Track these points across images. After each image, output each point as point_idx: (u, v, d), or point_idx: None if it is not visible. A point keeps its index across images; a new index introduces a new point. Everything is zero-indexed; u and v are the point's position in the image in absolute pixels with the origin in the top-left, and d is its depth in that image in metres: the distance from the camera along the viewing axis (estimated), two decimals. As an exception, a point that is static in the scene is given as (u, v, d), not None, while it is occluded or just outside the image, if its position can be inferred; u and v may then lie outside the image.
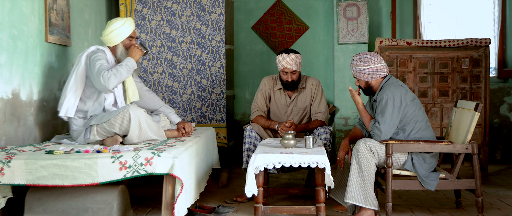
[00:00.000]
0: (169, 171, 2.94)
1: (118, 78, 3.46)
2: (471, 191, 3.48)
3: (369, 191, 3.36)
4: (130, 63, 3.57)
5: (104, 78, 3.40)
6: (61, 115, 3.53)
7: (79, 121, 3.54)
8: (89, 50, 3.62)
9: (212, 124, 5.00)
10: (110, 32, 3.64)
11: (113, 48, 3.69)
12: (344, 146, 3.66)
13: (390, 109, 3.40)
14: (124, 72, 3.49)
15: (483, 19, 5.99)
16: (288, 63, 4.10)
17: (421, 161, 3.43)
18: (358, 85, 3.65)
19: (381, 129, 3.39)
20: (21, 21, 3.45)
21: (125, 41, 3.69)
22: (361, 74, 3.55)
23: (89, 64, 3.51)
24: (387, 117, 3.40)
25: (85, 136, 3.49)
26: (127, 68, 3.52)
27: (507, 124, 6.00)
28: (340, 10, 5.72)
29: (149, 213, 3.65)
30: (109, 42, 3.67)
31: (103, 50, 3.64)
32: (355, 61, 3.55)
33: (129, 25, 3.69)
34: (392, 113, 3.40)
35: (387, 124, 3.40)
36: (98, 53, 3.57)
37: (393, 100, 3.41)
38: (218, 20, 5.01)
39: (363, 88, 3.63)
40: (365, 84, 3.59)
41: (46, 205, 3.07)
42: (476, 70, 5.06)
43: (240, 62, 6.21)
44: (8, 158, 2.88)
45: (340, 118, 5.79)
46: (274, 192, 4.00)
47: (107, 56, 3.62)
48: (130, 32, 3.69)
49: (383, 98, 3.44)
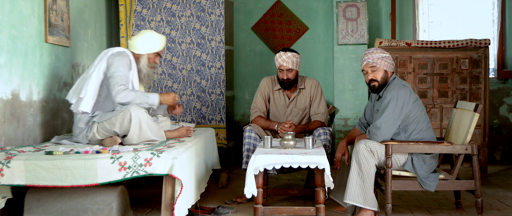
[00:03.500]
0: (169, 172, 2.94)
1: (128, 100, 3.45)
2: (471, 192, 3.48)
3: (369, 191, 3.35)
4: (152, 99, 3.55)
5: (119, 92, 3.41)
6: (80, 109, 3.46)
7: (85, 118, 3.51)
8: (114, 50, 3.59)
9: (212, 124, 5.00)
10: (141, 40, 3.63)
11: (137, 56, 3.67)
12: (341, 148, 3.66)
13: (391, 108, 3.39)
14: (137, 99, 3.47)
15: (484, 20, 5.99)
16: (284, 60, 4.11)
17: (421, 162, 3.43)
18: (371, 78, 3.53)
19: (380, 127, 3.39)
20: (21, 22, 3.45)
21: (151, 54, 3.68)
22: (381, 61, 3.49)
23: (111, 64, 3.49)
24: (386, 116, 3.39)
25: (86, 133, 3.48)
26: (146, 99, 3.51)
27: (507, 125, 6.01)
28: (339, 11, 5.73)
29: (149, 213, 3.65)
30: (135, 48, 3.65)
31: (128, 55, 3.61)
32: (373, 50, 3.52)
33: (162, 42, 3.71)
34: (393, 113, 3.39)
35: (385, 123, 3.39)
36: (123, 56, 3.54)
37: (396, 100, 3.40)
38: (217, 20, 5.01)
39: (378, 81, 3.51)
40: (384, 74, 3.52)
41: (45, 206, 3.07)
42: (475, 71, 5.06)
43: (239, 62, 6.21)
44: (7, 159, 2.88)
45: (339, 118, 5.79)
46: (273, 192, 4.00)
47: (131, 62, 3.59)
48: (159, 48, 3.70)
49: (386, 97, 3.44)
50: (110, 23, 5.22)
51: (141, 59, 3.67)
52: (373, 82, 3.53)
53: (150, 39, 3.64)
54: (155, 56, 3.71)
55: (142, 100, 3.49)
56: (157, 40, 3.67)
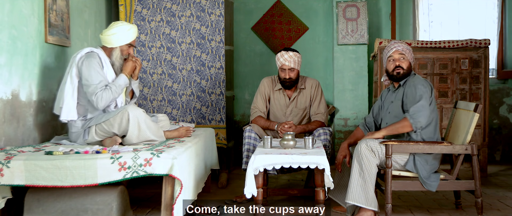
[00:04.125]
0: (169, 172, 2.94)
1: (110, 98, 3.49)
2: (471, 192, 3.48)
3: (370, 191, 3.35)
4: (122, 81, 3.59)
5: (97, 99, 3.44)
6: (62, 119, 3.50)
7: (78, 123, 3.53)
8: (82, 52, 3.56)
9: (212, 124, 5.00)
10: (112, 33, 3.60)
11: (110, 50, 3.66)
12: (342, 150, 3.67)
13: (427, 94, 3.43)
14: (115, 92, 3.52)
15: (485, 19, 5.98)
16: (286, 60, 4.11)
17: (423, 162, 3.42)
18: (397, 64, 3.56)
19: (421, 110, 3.38)
20: (21, 22, 3.45)
21: (124, 46, 3.67)
22: (409, 52, 3.59)
23: (81, 70, 3.49)
24: (424, 101, 3.40)
25: (84, 137, 3.49)
26: (120, 87, 3.56)
27: (507, 125, 6.01)
28: (339, 11, 5.73)
29: (149, 213, 3.65)
30: (107, 42, 3.64)
31: (97, 54, 3.58)
32: (401, 41, 3.66)
33: (133, 32, 3.67)
34: (428, 99, 3.43)
35: (424, 107, 3.39)
36: (91, 58, 3.51)
37: (430, 89, 3.47)
38: (217, 20, 5.01)
39: (404, 69, 3.55)
40: (408, 65, 3.58)
41: (45, 206, 3.07)
42: (475, 71, 5.06)
43: (239, 63, 6.21)
44: (7, 159, 2.88)
45: (339, 119, 5.79)
46: (273, 193, 4.00)
47: (101, 60, 3.57)
48: (131, 39, 3.68)
49: (414, 84, 3.47)
50: (110, 23, 5.21)
51: (113, 52, 3.65)
52: (398, 68, 3.57)
53: (121, 31, 3.61)
54: (128, 47, 3.69)
55: (117, 90, 3.53)
56: (127, 31, 3.63)
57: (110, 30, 3.62)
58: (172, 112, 5.00)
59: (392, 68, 3.59)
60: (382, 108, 3.75)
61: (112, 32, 3.61)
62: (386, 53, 3.65)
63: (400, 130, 3.44)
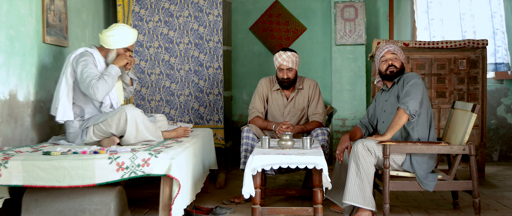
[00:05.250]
0: (167, 172, 2.94)
1: (106, 88, 3.46)
2: (468, 192, 3.49)
3: (367, 191, 3.36)
4: (114, 70, 3.56)
5: (94, 90, 3.41)
6: (59, 119, 3.50)
7: (76, 123, 3.53)
8: (77, 52, 3.57)
9: (210, 125, 5.00)
10: (111, 35, 3.61)
11: (107, 51, 3.67)
12: (344, 140, 3.66)
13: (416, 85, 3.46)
14: (109, 81, 3.49)
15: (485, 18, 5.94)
16: (284, 59, 4.12)
17: (420, 161, 3.43)
18: (390, 63, 3.62)
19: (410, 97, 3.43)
20: (19, 22, 3.45)
21: (121, 50, 3.67)
22: (400, 52, 3.68)
23: (76, 69, 3.49)
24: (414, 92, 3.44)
25: (82, 137, 3.48)
26: (112, 76, 3.52)
27: (504, 125, 6.02)
28: (337, 11, 5.73)
29: (146, 214, 3.65)
30: (105, 43, 3.64)
31: (91, 53, 3.59)
32: (392, 42, 3.74)
33: (132, 37, 3.68)
34: (418, 89, 3.45)
35: (413, 95, 3.43)
36: (85, 57, 3.52)
37: (420, 82, 3.50)
38: (215, 21, 5.01)
39: (397, 67, 3.61)
40: (401, 64, 3.64)
41: (43, 206, 3.06)
42: (473, 71, 5.07)
43: (237, 63, 6.21)
44: (5, 159, 2.88)
45: (337, 119, 5.80)
46: (271, 193, 4.00)
47: (95, 60, 3.58)
48: (129, 44, 3.69)
49: (407, 80, 3.52)
50: (108, 23, 5.21)
51: (109, 54, 3.66)
52: (392, 67, 3.62)
53: (120, 34, 3.62)
54: (125, 51, 3.69)
55: (109, 79, 3.48)
56: (127, 35, 3.64)
57: (110, 31, 3.62)
58: (170, 112, 5.00)
59: (385, 68, 3.64)
60: (377, 109, 3.77)
61: (111, 33, 3.61)
62: (378, 55, 3.70)
63: (399, 122, 3.45)
